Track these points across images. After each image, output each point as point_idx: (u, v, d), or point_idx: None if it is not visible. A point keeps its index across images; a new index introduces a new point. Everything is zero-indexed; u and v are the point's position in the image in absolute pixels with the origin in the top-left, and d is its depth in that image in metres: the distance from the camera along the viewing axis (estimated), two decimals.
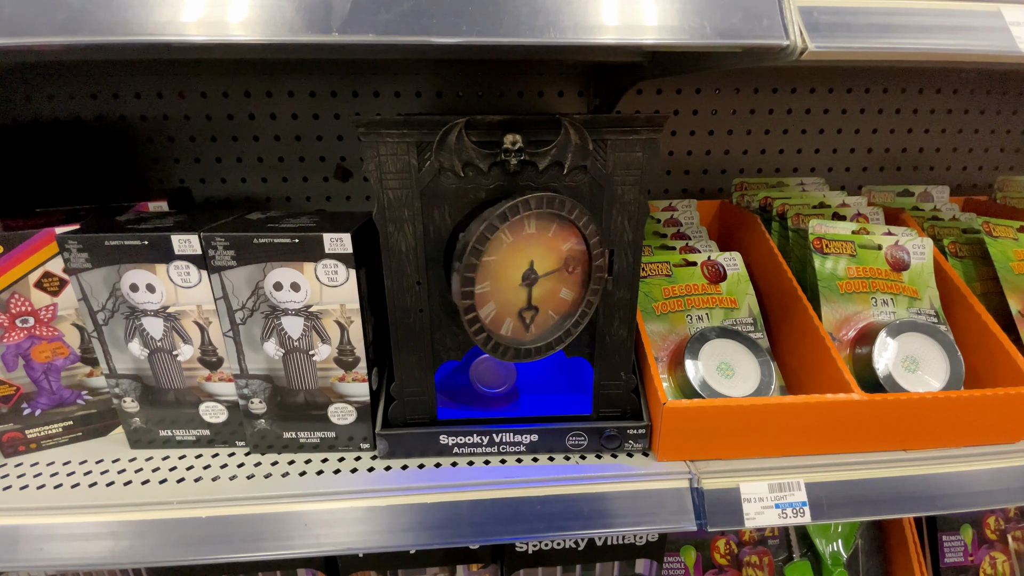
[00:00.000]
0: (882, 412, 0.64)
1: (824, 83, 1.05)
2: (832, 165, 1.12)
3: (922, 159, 1.15)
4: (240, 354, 0.60)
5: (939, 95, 1.09)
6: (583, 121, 0.49)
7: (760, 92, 1.04)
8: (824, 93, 1.06)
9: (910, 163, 1.14)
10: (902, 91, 1.09)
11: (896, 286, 0.75)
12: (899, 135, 1.11)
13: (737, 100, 1.03)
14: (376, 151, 0.50)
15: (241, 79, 0.95)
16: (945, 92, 1.09)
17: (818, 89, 1.06)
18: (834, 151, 1.11)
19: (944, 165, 1.16)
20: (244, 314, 0.58)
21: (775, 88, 1.05)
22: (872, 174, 1.15)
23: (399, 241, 0.54)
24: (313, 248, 0.55)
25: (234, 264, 0.56)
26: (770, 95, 1.05)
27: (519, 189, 0.53)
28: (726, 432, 0.63)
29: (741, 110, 1.04)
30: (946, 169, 1.16)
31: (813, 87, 1.05)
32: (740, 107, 1.04)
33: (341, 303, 0.57)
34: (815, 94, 1.06)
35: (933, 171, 1.17)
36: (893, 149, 1.13)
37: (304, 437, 0.64)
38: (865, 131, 1.10)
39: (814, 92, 1.06)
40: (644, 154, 0.51)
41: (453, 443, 0.62)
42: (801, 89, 1.05)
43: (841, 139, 1.10)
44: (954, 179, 1.17)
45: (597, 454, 0.64)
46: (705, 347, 0.68)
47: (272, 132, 1.00)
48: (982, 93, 1.10)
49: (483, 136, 0.50)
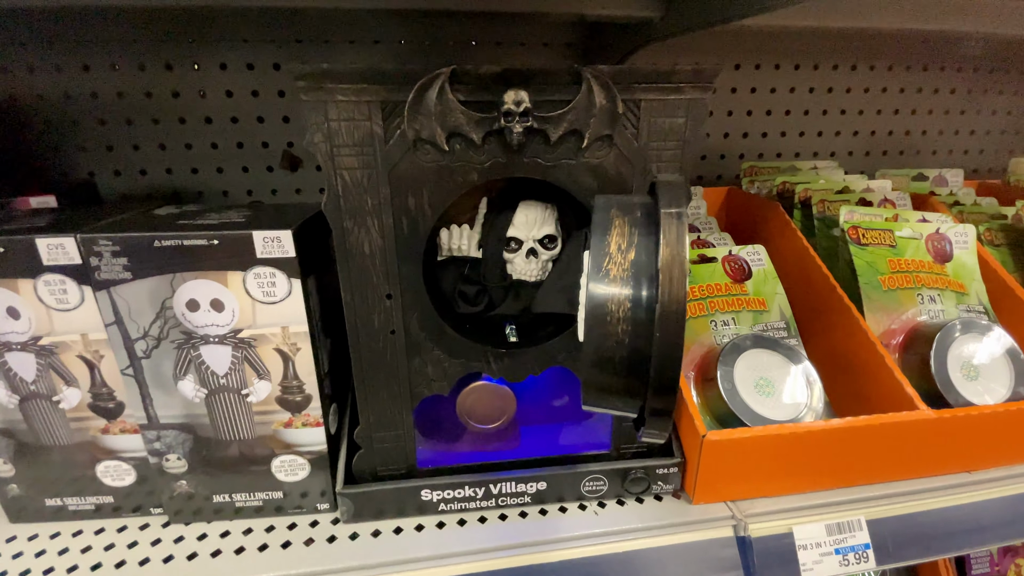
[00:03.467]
0: (950, 430, 0.54)
1: (828, 59, 0.96)
2: (835, 149, 1.04)
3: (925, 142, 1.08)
4: (146, 398, 0.45)
5: (943, 72, 1.02)
6: (611, 74, 0.36)
7: (761, 68, 0.94)
8: (828, 70, 0.97)
9: (913, 146, 1.07)
10: (907, 68, 1.01)
11: (941, 280, 0.65)
12: (903, 117, 1.04)
13: (738, 77, 0.93)
14: (324, 116, 0.36)
15: (160, 48, 0.77)
16: (949, 70, 1.02)
17: (822, 66, 0.96)
18: (837, 133, 1.03)
19: (946, 148, 1.09)
20: (147, 344, 0.43)
21: (777, 64, 0.95)
22: (875, 159, 1.07)
23: (360, 240, 0.40)
24: (239, 252, 0.40)
25: (129, 277, 0.41)
26: (772, 72, 0.95)
27: (522, 168, 0.39)
28: (776, 465, 0.52)
29: (741, 88, 0.94)
30: (948, 152, 1.10)
31: (817, 63, 0.96)
32: (740, 85, 0.94)
33: (282, 325, 0.43)
34: (818, 71, 0.96)
35: (935, 155, 1.10)
36: (897, 132, 1.05)
37: (241, 500, 0.49)
38: (869, 113, 1.02)
39: (817, 69, 0.97)
40: (687, 120, 0.39)
41: (438, 498, 0.48)
42: (804, 66, 0.96)
43: (845, 120, 1.01)
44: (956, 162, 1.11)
45: (619, 499, 0.52)
46: (740, 360, 0.57)
47: (202, 113, 0.82)
48: (985, 72, 1.04)
49: (475, 93, 0.37)
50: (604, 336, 0.27)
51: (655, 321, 0.26)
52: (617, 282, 0.27)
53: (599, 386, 0.29)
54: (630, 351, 0.27)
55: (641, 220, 0.29)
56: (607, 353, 0.27)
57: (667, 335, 0.25)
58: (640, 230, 0.28)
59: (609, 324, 0.27)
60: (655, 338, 0.26)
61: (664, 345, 0.25)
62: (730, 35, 0.90)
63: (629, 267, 0.27)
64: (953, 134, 1.09)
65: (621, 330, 0.27)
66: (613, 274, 0.27)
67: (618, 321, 0.27)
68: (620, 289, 0.27)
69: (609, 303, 0.27)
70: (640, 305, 0.27)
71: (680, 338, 0.25)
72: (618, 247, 0.28)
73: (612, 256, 0.28)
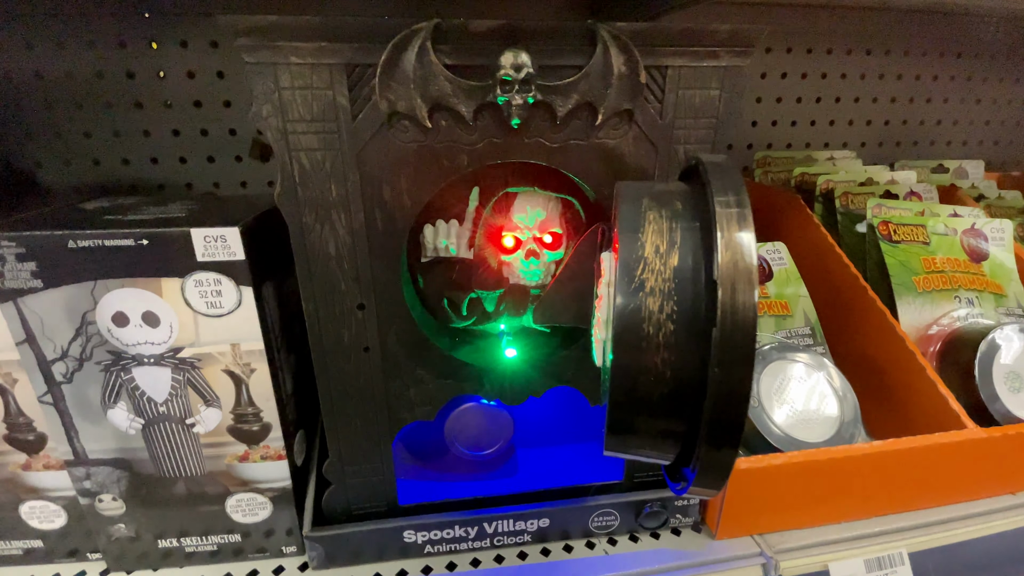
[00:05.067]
0: (1000, 449, 0.48)
1: (842, 43, 0.90)
2: (848, 139, 0.98)
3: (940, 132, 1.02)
4: (70, 429, 0.37)
5: (959, 59, 0.96)
6: (632, 33, 0.29)
7: (773, 52, 0.88)
8: (842, 55, 0.91)
9: (927, 136, 1.02)
10: (923, 54, 0.95)
11: (979, 280, 0.59)
12: (919, 105, 0.98)
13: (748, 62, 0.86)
14: (273, 83, 0.29)
15: (112, 23, 0.69)
16: (966, 56, 0.96)
17: (836, 50, 0.90)
18: (850, 123, 0.97)
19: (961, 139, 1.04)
20: (67, 366, 0.35)
21: (789, 48, 0.88)
22: (889, 149, 1.01)
23: (324, 239, 0.32)
24: (175, 254, 0.33)
25: (39, 285, 0.33)
26: (784, 56, 0.88)
27: (522, 151, 0.32)
28: (810, 493, 0.45)
29: (751, 73, 0.87)
30: (963, 143, 1.04)
31: (830, 47, 0.90)
32: (750, 70, 0.87)
33: (232, 342, 0.35)
34: (832, 56, 0.90)
35: (950, 146, 1.05)
36: (911, 121, 1.00)
37: (192, 545, 0.42)
38: (883, 101, 0.96)
39: (831, 53, 0.90)
40: (723, 92, 0.32)
41: (424, 539, 0.41)
42: (817, 51, 0.89)
43: (859, 109, 0.95)
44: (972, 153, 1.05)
45: (632, 535, 0.45)
46: (765, 372, 0.50)
47: (161, 96, 0.74)
48: (1002, 59, 0.98)
49: (464, 55, 0.29)
50: (638, 368, 0.20)
51: (713, 347, 0.19)
52: (656, 296, 0.20)
53: (627, 429, 0.23)
54: (673, 387, 0.20)
55: (684, 214, 0.22)
56: (642, 390, 0.21)
57: (730, 366, 0.19)
58: (684, 226, 0.21)
59: (645, 352, 0.20)
60: (713, 372, 0.19)
61: (726, 379, 0.19)
62: (739, 16, 0.84)
63: (672, 276, 0.20)
64: (968, 124, 1.03)
65: (661, 360, 0.20)
66: (650, 285, 0.20)
67: (658, 348, 0.20)
68: (660, 305, 0.20)
69: (645, 325, 0.20)
70: (688, 327, 0.20)
71: (749, 370, 0.19)
72: (655, 249, 0.21)
73: (648, 261, 0.21)
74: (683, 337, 0.20)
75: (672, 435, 0.22)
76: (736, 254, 0.19)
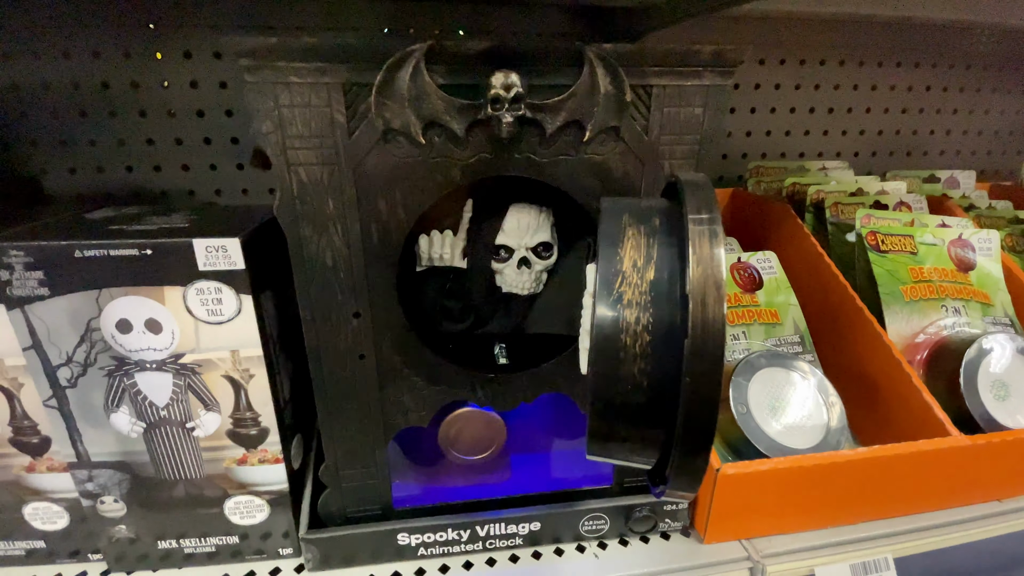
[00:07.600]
0: (985, 457, 0.49)
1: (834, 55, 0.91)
2: (841, 149, 0.99)
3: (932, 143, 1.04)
4: (74, 432, 0.38)
5: (952, 70, 0.98)
6: (618, 55, 0.31)
7: (766, 64, 0.89)
8: (834, 66, 0.92)
9: (920, 147, 1.03)
10: (915, 65, 0.97)
11: (965, 290, 0.60)
12: (911, 115, 1.00)
13: (742, 73, 0.88)
14: (274, 101, 0.30)
15: (116, 34, 0.71)
16: (958, 67, 0.98)
17: (829, 61, 0.92)
18: (843, 133, 0.98)
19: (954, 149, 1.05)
20: (72, 371, 0.36)
21: (782, 59, 0.90)
22: (882, 159, 1.02)
23: (321, 250, 0.34)
24: (178, 264, 0.34)
25: (46, 293, 0.34)
26: (777, 67, 0.90)
27: (513, 165, 0.33)
28: (797, 499, 0.46)
29: (745, 84, 0.89)
30: (956, 153, 1.06)
31: (823, 58, 0.91)
32: (744, 81, 0.89)
33: (232, 348, 0.36)
34: (824, 67, 0.92)
35: (943, 156, 1.06)
36: (904, 131, 1.01)
37: (191, 547, 0.43)
38: (876, 111, 0.98)
39: (824, 64, 0.92)
40: (706, 110, 0.33)
41: (417, 542, 0.42)
42: (810, 62, 0.91)
43: (851, 119, 0.97)
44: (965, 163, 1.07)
45: (622, 539, 0.46)
46: (755, 380, 0.51)
47: (164, 105, 0.75)
48: (994, 70, 1.00)
49: (456, 75, 0.31)
50: (616, 377, 0.21)
51: (684, 358, 0.20)
52: (633, 308, 0.21)
53: (608, 435, 0.24)
54: (650, 395, 0.21)
55: (661, 229, 0.23)
56: (620, 398, 0.22)
57: (700, 376, 0.20)
58: (660, 242, 0.22)
59: (623, 362, 0.21)
60: (684, 381, 0.20)
61: (696, 389, 0.20)
62: (733, 28, 0.85)
63: (648, 289, 0.21)
64: (961, 134, 1.05)
65: (638, 370, 0.21)
66: (628, 298, 0.21)
67: (635, 358, 0.21)
68: (637, 317, 0.21)
69: (623, 336, 0.21)
70: (663, 338, 0.21)
71: (718, 379, 0.20)
72: (633, 263, 0.22)
73: (626, 275, 0.22)
74: (659, 348, 0.21)
75: (650, 441, 0.23)
76: (707, 269, 0.20)
